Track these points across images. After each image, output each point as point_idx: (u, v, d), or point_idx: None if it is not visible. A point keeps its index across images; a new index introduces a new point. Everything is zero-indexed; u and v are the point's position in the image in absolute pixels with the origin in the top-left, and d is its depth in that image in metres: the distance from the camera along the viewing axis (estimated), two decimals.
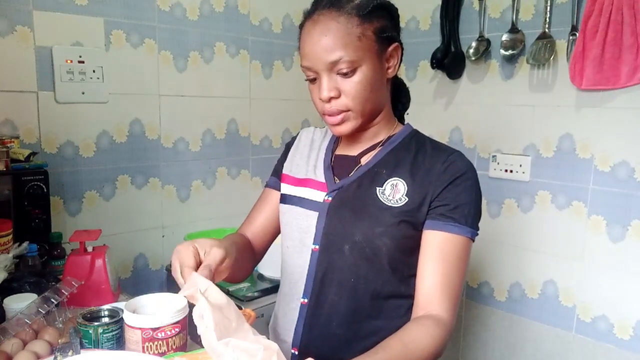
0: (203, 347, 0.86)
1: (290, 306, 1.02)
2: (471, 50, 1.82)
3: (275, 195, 1.11)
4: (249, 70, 2.07)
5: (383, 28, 0.91)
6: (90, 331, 0.91)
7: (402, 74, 2.05)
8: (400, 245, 0.92)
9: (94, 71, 1.66)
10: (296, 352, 0.98)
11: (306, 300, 0.98)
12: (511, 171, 1.78)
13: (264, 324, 1.56)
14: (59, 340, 0.93)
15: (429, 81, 1.99)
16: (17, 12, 1.51)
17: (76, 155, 1.67)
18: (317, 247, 0.97)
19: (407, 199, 0.92)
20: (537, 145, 1.72)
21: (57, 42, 1.59)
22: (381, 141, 1.01)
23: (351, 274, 0.94)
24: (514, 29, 1.71)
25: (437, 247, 0.91)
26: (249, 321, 0.91)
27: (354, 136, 1.01)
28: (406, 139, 1.01)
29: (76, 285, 1.13)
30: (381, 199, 0.93)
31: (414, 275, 0.94)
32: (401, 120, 1.09)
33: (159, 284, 1.88)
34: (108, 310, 0.98)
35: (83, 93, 1.65)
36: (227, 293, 1.65)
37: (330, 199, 0.98)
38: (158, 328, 0.88)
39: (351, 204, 0.95)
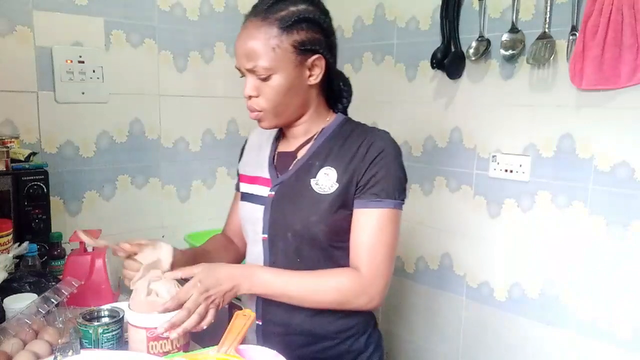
0: (203, 348, 0.86)
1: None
2: (471, 50, 1.82)
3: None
4: None
5: (303, 41, 1.00)
6: (90, 331, 0.91)
7: (402, 74, 2.05)
8: (337, 228, 1.04)
9: (94, 71, 1.66)
10: (260, 323, 1.11)
11: None
12: (511, 171, 1.78)
13: None
14: (59, 340, 0.93)
15: (429, 81, 1.99)
16: (17, 12, 1.51)
17: (76, 155, 1.67)
18: (266, 236, 1.10)
19: (337, 185, 1.03)
20: (537, 145, 1.72)
21: (57, 42, 1.59)
22: (314, 135, 1.11)
23: (296, 256, 1.07)
24: (514, 29, 1.71)
25: (364, 222, 1.03)
26: (249, 322, 0.91)
27: (288, 133, 1.13)
28: (337, 129, 1.11)
29: (76, 285, 1.14)
30: (315, 189, 1.04)
31: None
32: (345, 114, 1.17)
33: None
34: (108, 310, 0.98)
35: (83, 93, 1.65)
36: None
37: (273, 193, 1.09)
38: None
39: (290, 197, 1.07)
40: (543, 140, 1.71)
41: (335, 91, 1.14)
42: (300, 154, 1.11)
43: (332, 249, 1.06)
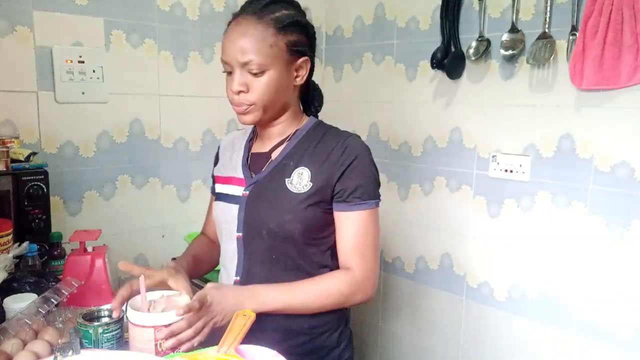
0: (203, 348, 0.86)
1: (226, 283, 1.17)
2: (471, 50, 1.82)
3: None
4: None
5: (295, 42, 1.06)
6: (90, 331, 0.92)
7: (402, 74, 2.05)
8: (311, 226, 1.08)
9: (94, 71, 1.66)
10: None
11: (238, 278, 1.14)
12: (511, 171, 1.78)
13: None
14: (59, 340, 0.93)
15: (429, 81, 1.99)
16: (17, 12, 1.51)
17: (76, 155, 1.67)
18: (240, 234, 1.13)
19: (311, 184, 1.07)
20: (537, 145, 1.72)
21: (57, 42, 1.59)
22: (288, 136, 1.15)
23: (271, 253, 1.10)
24: (514, 29, 1.71)
25: (350, 224, 1.08)
26: (249, 322, 0.91)
27: (264, 134, 1.17)
28: (310, 131, 1.15)
29: (76, 285, 1.14)
30: (289, 188, 1.08)
31: (328, 247, 1.12)
32: (316, 117, 1.22)
33: None
34: (108, 310, 0.99)
35: (83, 93, 1.65)
36: None
37: (247, 192, 1.13)
38: (170, 324, 0.89)
39: (265, 196, 1.11)
40: (543, 140, 1.71)
41: (309, 95, 1.20)
42: (274, 155, 1.15)
43: (305, 246, 1.10)
